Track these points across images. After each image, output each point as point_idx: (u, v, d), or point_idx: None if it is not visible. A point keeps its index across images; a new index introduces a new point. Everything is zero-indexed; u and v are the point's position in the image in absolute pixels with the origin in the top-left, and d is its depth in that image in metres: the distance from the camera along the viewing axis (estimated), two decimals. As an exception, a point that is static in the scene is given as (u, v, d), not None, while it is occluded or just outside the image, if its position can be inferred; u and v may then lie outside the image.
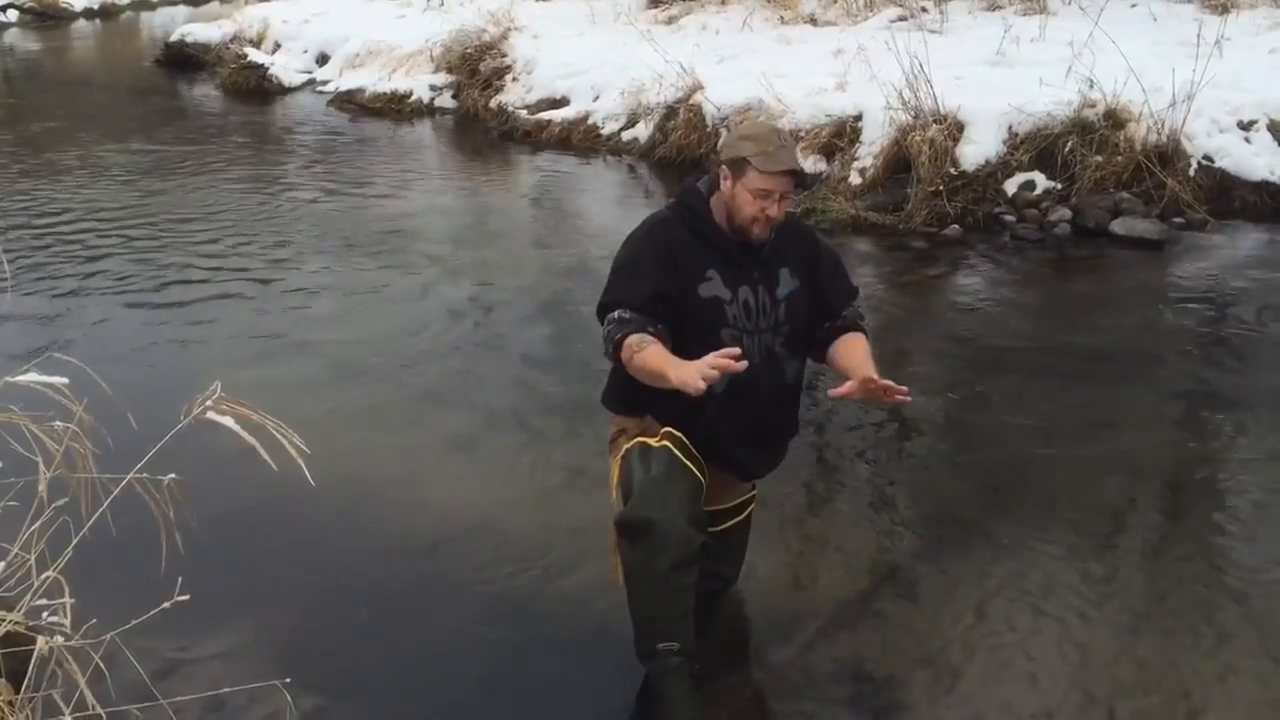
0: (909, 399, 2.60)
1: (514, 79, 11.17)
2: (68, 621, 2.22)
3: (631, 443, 2.73)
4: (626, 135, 9.57)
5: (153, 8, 23.53)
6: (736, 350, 2.48)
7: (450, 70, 11.79)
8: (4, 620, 2.24)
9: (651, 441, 2.71)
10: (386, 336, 5.37)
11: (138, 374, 4.75)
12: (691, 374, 2.44)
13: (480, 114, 11.04)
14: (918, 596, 3.28)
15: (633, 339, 2.64)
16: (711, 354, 2.45)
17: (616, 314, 2.70)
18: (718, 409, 2.73)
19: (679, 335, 2.69)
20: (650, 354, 2.61)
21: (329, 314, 5.71)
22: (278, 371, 4.89)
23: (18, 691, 2.26)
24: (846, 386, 2.60)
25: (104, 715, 2.06)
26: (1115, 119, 7.30)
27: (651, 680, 2.71)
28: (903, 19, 10.28)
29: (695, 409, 2.67)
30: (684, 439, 2.69)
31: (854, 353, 2.81)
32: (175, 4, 23.66)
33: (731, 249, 2.77)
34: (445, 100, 11.63)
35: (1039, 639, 3.05)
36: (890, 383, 2.57)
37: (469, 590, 3.31)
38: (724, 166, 2.76)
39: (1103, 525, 3.62)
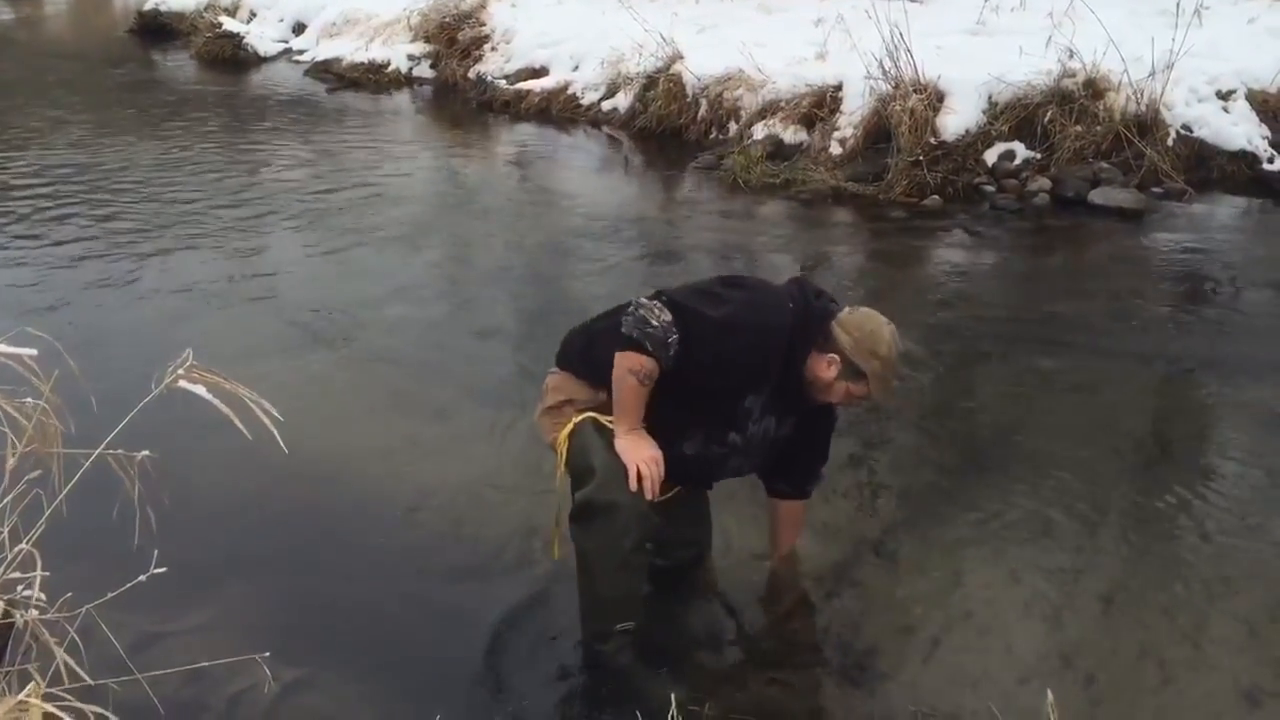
0: None
1: (492, 48, 11.08)
2: (42, 595, 2.20)
3: (582, 417, 2.69)
4: (606, 105, 9.52)
5: (126, -25, 23.17)
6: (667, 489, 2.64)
7: (428, 39, 11.68)
8: (-23, 594, 2.22)
9: (604, 419, 2.67)
10: (361, 306, 5.33)
11: (109, 343, 4.68)
12: (632, 459, 2.57)
13: (459, 84, 10.96)
14: (896, 565, 3.29)
15: (649, 366, 2.56)
16: (657, 467, 2.58)
17: (672, 338, 2.55)
18: (680, 460, 2.72)
19: (698, 394, 2.64)
20: (638, 396, 2.59)
21: (303, 283, 5.67)
22: (251, 340, 4.84)
23: (-7, 666, 2.24)
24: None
25: (79, 688, 2.05)
26: (1095, 88, 7.30)
27: (605, 658, 2.74)
28: (883, -12, 10.22)
29: (664, 444, 2.66)
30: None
31: (788, 529, 3.10)
32: (148, -28, 23.27)
33: (787, 391, 2.70)
34: (423, 70, 11.52)
35: (1017, 606, 3.08)
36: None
37: (446, 561, 3.30)
38: (837, 358, 2.65)
39: (1080, 492, 3.64)
